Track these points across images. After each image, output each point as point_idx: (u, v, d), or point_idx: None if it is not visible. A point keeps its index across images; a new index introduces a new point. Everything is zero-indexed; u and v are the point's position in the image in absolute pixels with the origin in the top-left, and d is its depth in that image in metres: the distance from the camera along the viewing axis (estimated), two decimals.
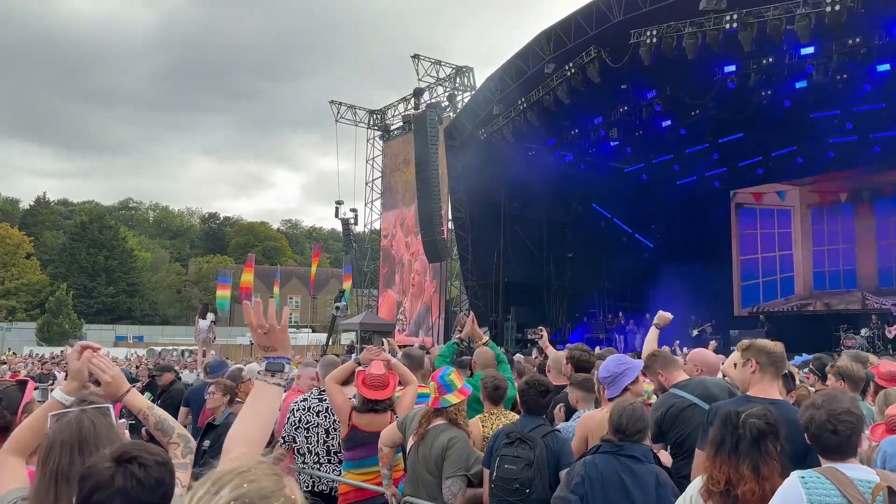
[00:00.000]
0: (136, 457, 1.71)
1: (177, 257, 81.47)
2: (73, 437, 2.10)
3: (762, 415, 2.72)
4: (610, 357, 4.65)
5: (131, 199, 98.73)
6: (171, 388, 8.81)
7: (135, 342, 49.23)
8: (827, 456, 2.55)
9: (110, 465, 1.69)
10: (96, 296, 61.52)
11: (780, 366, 3.54)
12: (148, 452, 1.76)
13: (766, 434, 2.66)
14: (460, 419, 4.13)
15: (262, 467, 1.29)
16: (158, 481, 1.72)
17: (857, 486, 2.37)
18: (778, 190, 24.70)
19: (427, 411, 4.20)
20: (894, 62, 17.15)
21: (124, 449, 1.74)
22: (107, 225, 65.85)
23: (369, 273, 35.74)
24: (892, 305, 20.34)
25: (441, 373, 4.28)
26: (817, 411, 2.58)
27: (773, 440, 2.66)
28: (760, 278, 25.08)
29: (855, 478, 2.40)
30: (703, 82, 19.49)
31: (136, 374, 15.23)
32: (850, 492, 2.35)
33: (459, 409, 4.14)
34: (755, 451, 2.64)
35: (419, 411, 4.35)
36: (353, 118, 34.89)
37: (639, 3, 17.13)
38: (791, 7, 14.95)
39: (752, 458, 2.63)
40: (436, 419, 4.15)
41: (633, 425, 3.30)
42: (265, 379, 2.12)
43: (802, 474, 2.45)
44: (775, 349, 3.54)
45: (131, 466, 1.69)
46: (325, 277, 69.85)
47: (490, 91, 22.19)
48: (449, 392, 4.13)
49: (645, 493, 3.14)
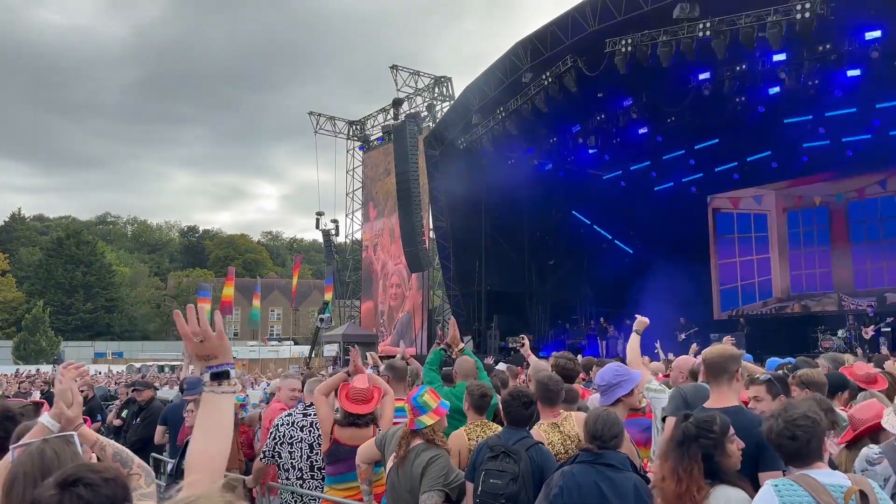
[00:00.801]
0: (80, 478, 1.64)
1: (156, 272, 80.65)
2: (35, 468, 2.02)
3: (703, 420, 2.90)
4: (609, 365, 4.67)
5: (109, 214, 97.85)
6: (149, 406, 8.66)
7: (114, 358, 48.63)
8: (792, 463, 2.60)
9: (54, 491, 1.63)
10: (74, 312, 60.68)
11: (733, 369, 3.61)
12: (93, 471, 1.68)
13: (693, 438, 2.85)
14: (438, 439, 4.09)
15: (211, 496, 1.26)
16: (109, 498, 1.64)
17: (829, 491, 2.40)
18: (754, 194, 25.03)
19: (405, 432, 4.17)
20: (864, 68, 17.47)
21: (67, 473, 1.67)
22: (84, 240, 65.04)
23: (351, 284, 35.63)
24: (868, 307, 20.64)
25: (414, 394, 4.22)
26: (775, 421, 2.68)
27: (698, 445, 2.83)
28: (739, 282, 25.35)
29: (827, 483, 2.43)
30: (678, 90, 19.74)
31: (114, 391, 15.05)
32: (823, 497, 2.38)
33: (436, 429, 4.11)
34: (679, 453, 2.85)
35: (398, 431, 4.31)
36: (333, 129, 34.87)
37: (613, 13, 17.32)
38: (762, 15, 15.20)
39: (675, 458, 2.85)
40: (414, 440, 4.12)
41: (607, 430, 3.33)
42: (213, 390, 2.01)
43: (775, 482, 2.49)
44: (720, 356, 3.62)
45: (76, 489, 1.62)
46: (306, 289, 69.50)
47: (469, 101, 22.29)
48: (423, 413, 4.08)
49: (624, 501, 3.15)
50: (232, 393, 2.03)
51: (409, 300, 29.71)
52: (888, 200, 22.04)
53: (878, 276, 22.02)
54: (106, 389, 15.82)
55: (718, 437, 2.85)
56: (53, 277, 61.07)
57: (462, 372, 5.80)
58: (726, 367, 3.60)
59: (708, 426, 2.88)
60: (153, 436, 7.80)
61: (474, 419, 4.60)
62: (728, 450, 2.88)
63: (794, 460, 2.61)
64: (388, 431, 4.49)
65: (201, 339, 1.99)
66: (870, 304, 20.85)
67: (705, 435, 2.83)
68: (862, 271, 22.41)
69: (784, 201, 24.36)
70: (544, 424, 4.22)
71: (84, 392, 12.48)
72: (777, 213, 24.52)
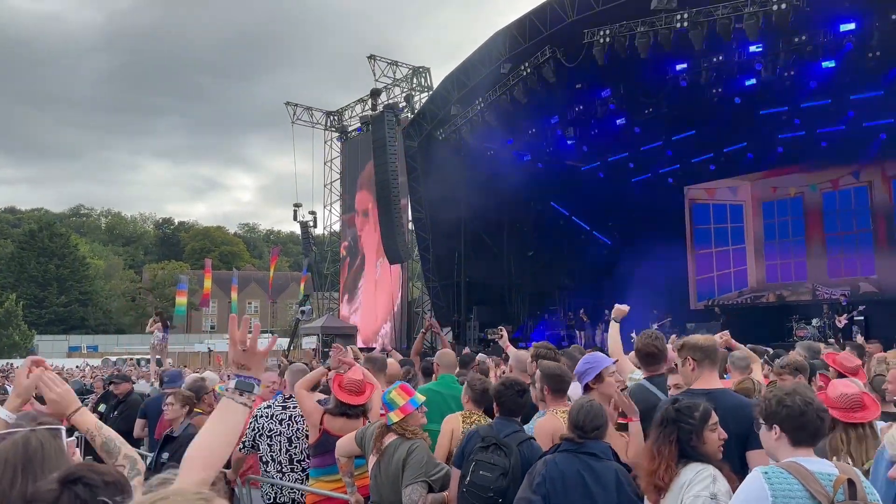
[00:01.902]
0: (81, 477, 1.64)
1: (130, 264, 79.73)
2: (17, 457, 1.97)
3: (685, 406, 2.98)
4: (586, 355, 4.70)
5: (82, 206, 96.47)
6: (127, 399, 8.52)
7: (89, 352, 48.01)
8: (805, 444, 2.56)
9: (55, 487, 1.63)
10: (47, 306, 59.83)
11: (714, 357, 3.80)
12: (96, 472, 1.68)
13: (671, 420, 2.95)
14: (408, 433, 4.10)
15: (184, 492, 1.23)
16: (106, 501, 1.65)
17: (818, 479, 2.40)
18: (730, 185, 25.27)
19: (382, 427, 4.18)
20: (839, 59, 17.67)
21: (70, 470, 1.68)
22: (57, 233, 64.09)
23: (329, 276, 35.46)
24: (842, 296, 20.96)
25: (385, 392, 4.27)
26: (809, 402, 2.62)
27: (675, 427, 2.92)
28: (715, 272, 25.62)
29: (815, 471, 2.43)
30: (656, 81, 19.85)
31: (90, 384, 14.85)
32: (812, 486, 2.38)
33: (404, 426, 4.12)
34: (657, 433, 2.98)
35: (377, 425, 4.32)
36: (310, 120, 34.60)
37: (591, 3, 17.34)
38: (740, 6, 15.30)
39: (653, 438, 2.98)
40: (388, 435, 4.15)
41: (590, 422, 3.35)
42: (233, 397, 2.08)
43: (765, 470, 2.48)
44: (706, 343, 3.79)
45: (76, 487, 1.62)
46: (284, 282, 69.07)
47: (447, 91, 22.22)
48: (391, 410, 4.13)
49: (606, 490, 3.17)
50: (247, 407, 2.11)
51: (389, 292, 29.63)
52: (861, 191, 22.38)
53: (852, 266, 22.38)
54: (81, 383, 15.60)
55: (697, 423, 2.90)
56: (26, 270, 60.14)
57: (444, 364, 5.78)
58: (713, 353, 3.77)
59: (689, 412, 2.94)
60: (131, 429, 7.68)
61: (474, 409, 4.59)
62: (706, 437, 2.91)
63: (811, 441, 2.59)
64: (367, 428, 4.48)
65: (245, 348, 2.11)
66: (843, 294, 21.18)
67: (685, 420, 2.91)
68: (836, 261, 22.75)
69: (760, 192, 24.64)
70: (559, 412, 4.21)
71: None
72: (753, 204, 24.79)
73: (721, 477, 2.79)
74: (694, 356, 3.69)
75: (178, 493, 1.23)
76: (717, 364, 3.89)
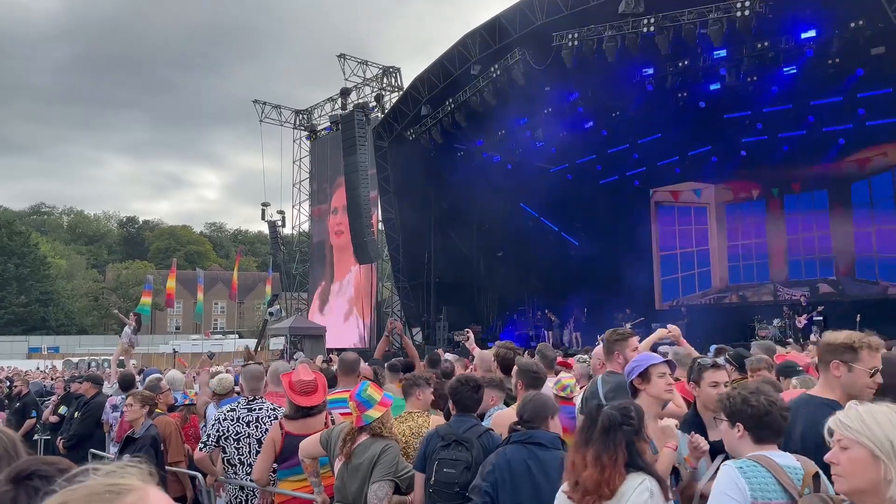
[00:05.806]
0: (34, 471, 1.57)
1: (94, 264, 78.21)
2: None
3: (622, 407, 2.86)
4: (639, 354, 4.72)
5: (43, 204, 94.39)
6: (92, 401, 8.19)
7: (50, 353, 46.92)
8: (769, 441, 2.63)
9: (8, 487, 1.54)
10: (7, 306, 58.37)
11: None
12: (47, 464, 1.61)
13: (618, 425, 2.77)
14: (385, 431, 4.10)
15: (92, 487, 1.18)
16: None
17: (786, 472, 2.48)
18: (694, 188, 25.73)
19: (351, 430, 4.14)
20: (800, 66, 18.11)
21: (19, 468, 1.59)
22: (16, 231, 62.55)
23: (298, 276, 35.18)
24: (802, 296, 21.47)
25: (357, 390, 4.20)
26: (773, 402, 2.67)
27: (624, 432, 2.76)
28: (679, 273, 26.06)
29: (782, 464, 2.52)
30: (623, 85, 20.12)
31: (50, 386, 14.55)
32: (783, 479, 2.46)
33: (384, 421, 4.11)
34: (602, 440, 2.76)
35: (343, 428, 4.28)
36: (279, 118, 34.29)
37: (560, 6, 17.52)
38: (705, 11, 15.62)
39: (597, 446, 2.76)
40: (360, 437, 4.10)
41: (528, 412, 3.50)
42: None
43: (739, 464, 2.52)
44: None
45: (32, 482, 1.55)
46: (251, 282, 68.38)
47: (417, 92, 22.24)
48: (369, 408, 4.07)
49: (549, 479, 3.25)
50: None
51: (358, 293, 29.53)
52: (821, 195, 22.96)
53: (812, 268, 22.96)
54: (42, 385, 15.28)
55: (637, 424, 2.83)
56: None
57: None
58: None
59: (627, 412, 2.84)
60: (92, 433, 7.55)
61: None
62: (644, 437, 2.90)
63: (776, 438, 2.65)
64: (332, 429, 4.46)
65: None
66: (803, 295, 21.70)
67: (627, 422, 2.80)
68: (796, 262, 23.31)
69: (723, 195, 25.13)
70: None
71: (17, 388, 12.03)
72: (716, 206, 25.28)
73: (658, 491, 2.71)
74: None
75: (88, 488, 1.16)
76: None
